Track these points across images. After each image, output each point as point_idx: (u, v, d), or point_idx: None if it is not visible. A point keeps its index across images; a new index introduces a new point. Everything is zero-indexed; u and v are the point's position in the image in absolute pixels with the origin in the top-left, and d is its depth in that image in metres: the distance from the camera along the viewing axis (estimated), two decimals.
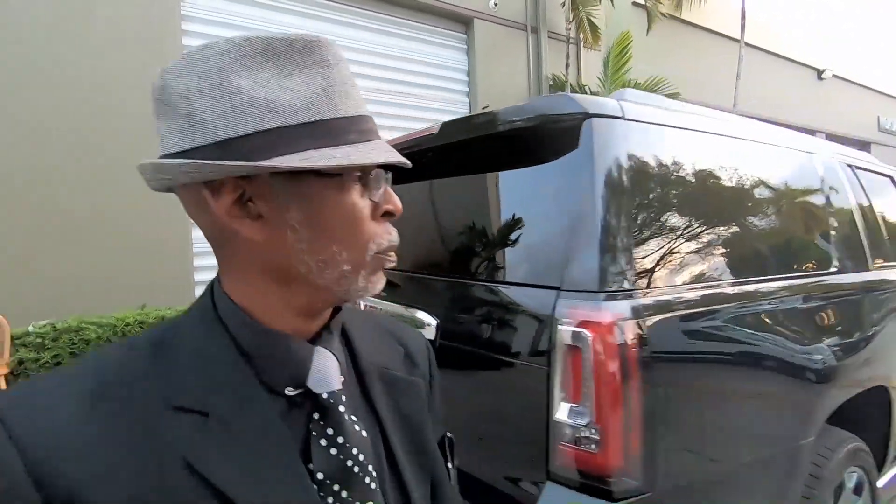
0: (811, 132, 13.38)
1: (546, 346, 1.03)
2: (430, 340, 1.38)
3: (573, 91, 6.84)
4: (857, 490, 1.62)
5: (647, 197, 1.17)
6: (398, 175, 1.55)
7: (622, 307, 0.98)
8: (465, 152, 1.44)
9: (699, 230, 1.21)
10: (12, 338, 3.54)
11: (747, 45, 11.08)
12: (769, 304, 1.30)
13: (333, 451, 0.43)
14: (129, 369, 0.40)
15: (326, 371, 0.44)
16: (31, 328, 3.59)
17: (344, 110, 0.41)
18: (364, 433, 0.45)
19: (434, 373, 0.59)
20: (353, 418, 0.45)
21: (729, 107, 9.27)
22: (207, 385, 0.40)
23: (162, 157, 0.40)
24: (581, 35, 7.36)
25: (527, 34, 6.94)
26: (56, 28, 4.06)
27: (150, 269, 4.34)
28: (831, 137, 13.96)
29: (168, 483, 0.36)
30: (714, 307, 1.14)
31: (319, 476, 0.42)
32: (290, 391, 0.43)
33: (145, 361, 0.40)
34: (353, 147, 0.40)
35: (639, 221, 1.12)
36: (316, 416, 0.44)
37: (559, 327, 1.01)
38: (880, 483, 1.90)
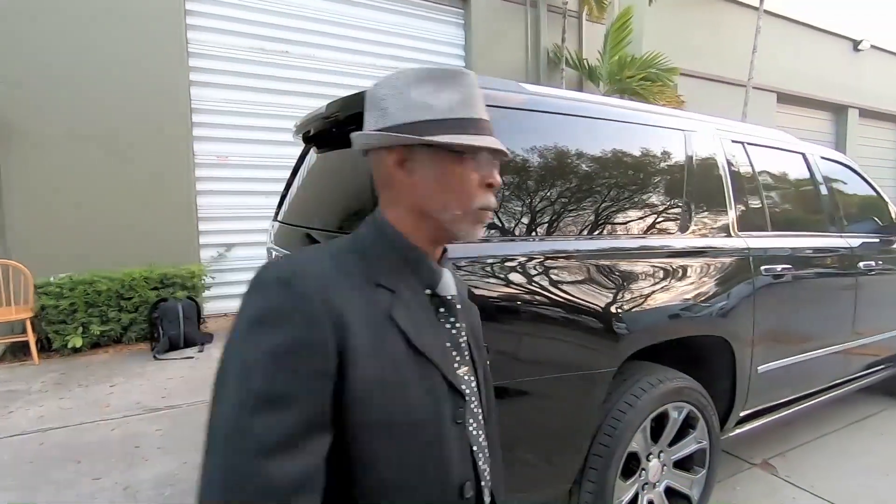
0: (843, 107, 12.82)
1: None
2: None
3: (569, 64, 6.87)
4: (690, 423, 1.88)
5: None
6: (318, 145, 1.93)
7: None
8: (342, 130, 1.74)
9: (542, 195, 1.50)
10: (35, 287, 4.09)
11: (775, 15, 10.64)
12: (589, 261, 1.57)
13: (453, 331, 0.71)
14: (345, 257, 0.65)
15: (448, 283, 0.71)
16: (52, 279, 4.13)
17: (468, 114, 0.66)
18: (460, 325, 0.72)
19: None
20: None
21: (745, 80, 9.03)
22: (392, 275, 0.66)
23: (368, 131, 0.68)
24: (585, 8, 7.33)
25: (526, 8, 6.98)
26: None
27: (158, 232, 4.83)
28: (867, 114, 13.31)
29: (378, 319, 0.62)
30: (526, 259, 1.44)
31: (447, 344, 0.69)
32: (427, 291, 0.69)
33: (353, 256, 0.66)
34: (471, 137, 0.65)
35: None
36: (441, 309, 0.70)
37: None
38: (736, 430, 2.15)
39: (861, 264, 2.61)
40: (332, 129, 1.78)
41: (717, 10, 9.85)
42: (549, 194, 1.58)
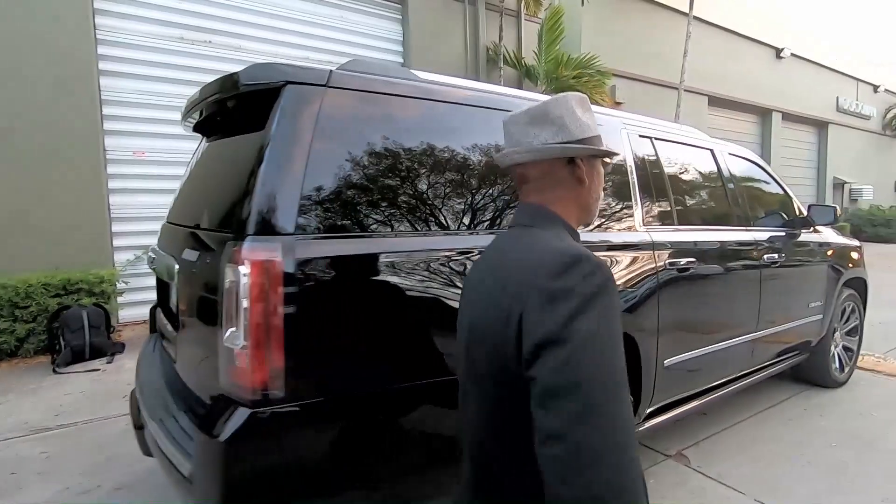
0: (768, 111, 13.64)
1: (218, 279, 1.21)
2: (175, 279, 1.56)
3: (508, 63, 6.91)
4: None
5: (334, 156, 1.33)
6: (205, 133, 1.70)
7: (270, 248, 1.16)
8: (215, 115, 1.59)
9: (377, 185, 1.38)
10: None
11: (706, 22, 11.17)
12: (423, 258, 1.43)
13: None
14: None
15: None
16: None
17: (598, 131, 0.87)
18: None
19: None
20: None
21: (677, 83, 9.39)
22: None
23: (542, 145, 0.82)
24: (523, 6, 7.39)
25: (464, 5, 6.95)
26: None
27: (65, 234, 4.43)
28: (789, 117, 14.23)
29: None
30: (363, 254, 1.32)
31: None
32: None
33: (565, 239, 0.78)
34: (606, 147, 0.87)
35: (319, 178, 1.28)
36: None
37: (226, 263, 1.19)
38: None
39: (766, 257, 2.70)
40: (216, 115, 1.62)
41: (652, 15, 10.22)
42: (446, 189, 1.50)
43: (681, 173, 2.43)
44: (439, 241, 1.45)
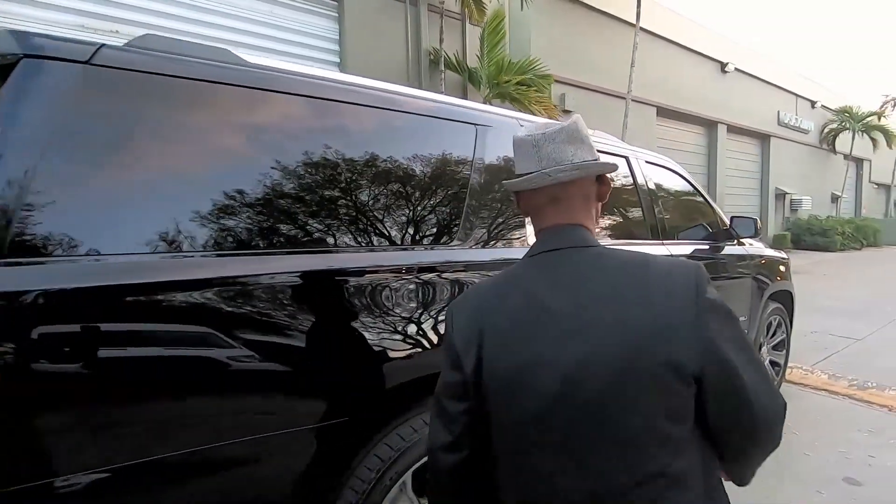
0: (713, 123, 14.05)
1: None
2: None
3: (450, 67, 6.70)
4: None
5: (87, 157, 1.02)
6: None
7: None
8: None
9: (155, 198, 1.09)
10: None
11: (654, 34, 11.38)
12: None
13: None
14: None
15: None
16: None
17: None
18: None
19: None
20: None
21: (625, 93, 9.46)
22: None
23: (587, 162, 0.84)
24: (466, 10, 7.23)
25: (405, 6, 6.71)
26: None
27: None
28: (733, 129, 14.72)
29: None
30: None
31: None
32: None
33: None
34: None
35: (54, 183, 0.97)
36: None
37: None
38: None
39: None
40: None
41: (601, 25, 10.30)
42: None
43: None
44: (225, 267, 1.16)
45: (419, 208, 1.56)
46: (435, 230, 1.58)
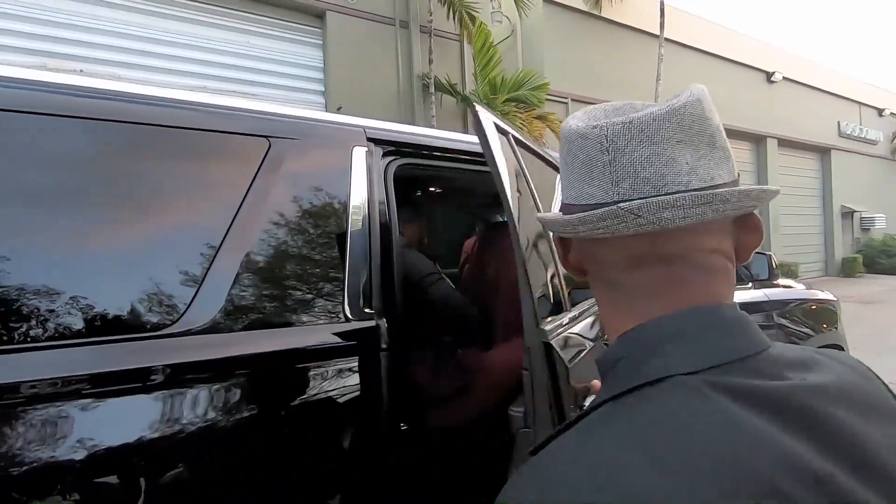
0: (761, 137, 12.80)
1: None
2: None
3: (440, 89, 6.19)
4: None
5: None
6: None
7: None
8: None
9: None
10: None
11: (679, 44, 10.52)
12: None
13: None
14: None
15: None
16: None
17: None
18: None
19: None
20: None
21: None
22: None
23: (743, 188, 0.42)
24: (465, 32, 6.78)
25: (395, 29, 6.33)
26: None
27: None
28: (785, 143, 13.36)
29: None
30: None
31: None
32: None
33: None
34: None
35: None
36: None
37: None
38: None
39: None
40: None
41: (620, 39, 9.59)
42: None
43: None
44: None
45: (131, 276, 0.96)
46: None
